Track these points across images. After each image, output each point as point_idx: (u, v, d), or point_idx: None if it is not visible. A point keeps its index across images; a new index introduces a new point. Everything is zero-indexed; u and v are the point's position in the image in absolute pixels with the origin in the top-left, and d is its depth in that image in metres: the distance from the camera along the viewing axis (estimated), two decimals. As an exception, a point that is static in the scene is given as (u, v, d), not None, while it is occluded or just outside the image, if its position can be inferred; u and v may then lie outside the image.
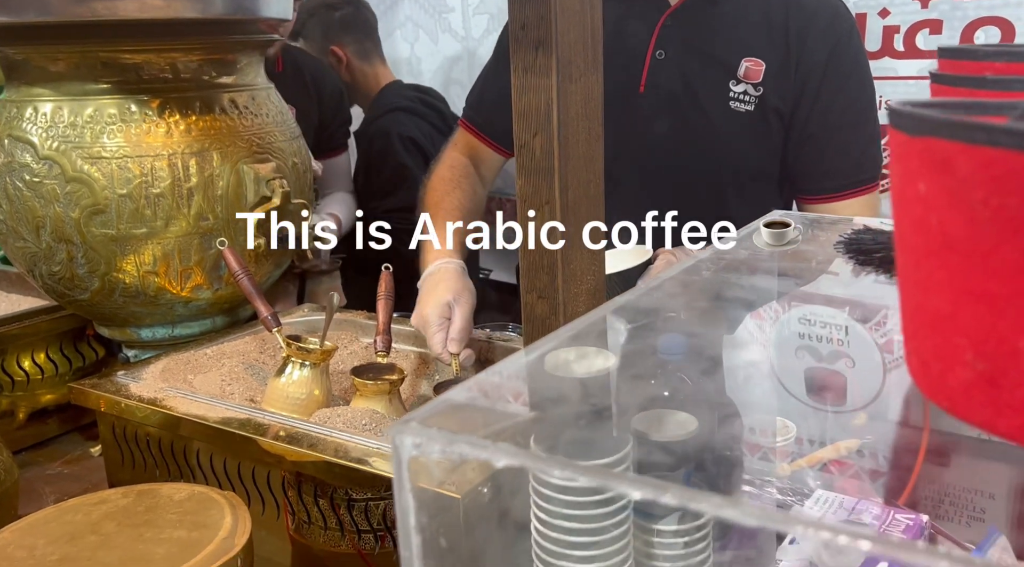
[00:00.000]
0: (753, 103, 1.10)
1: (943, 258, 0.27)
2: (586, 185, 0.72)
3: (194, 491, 0.78)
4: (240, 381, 0.98)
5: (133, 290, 1.05)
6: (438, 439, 0.29)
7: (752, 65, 1.10)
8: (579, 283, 0.72)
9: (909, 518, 0.77)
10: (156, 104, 1.02)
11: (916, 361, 0.29)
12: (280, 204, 1.07)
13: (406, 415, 0.30)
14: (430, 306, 0.97)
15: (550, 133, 0.68)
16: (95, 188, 0.99)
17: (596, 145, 0.72)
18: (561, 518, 0.55)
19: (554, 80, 0.66)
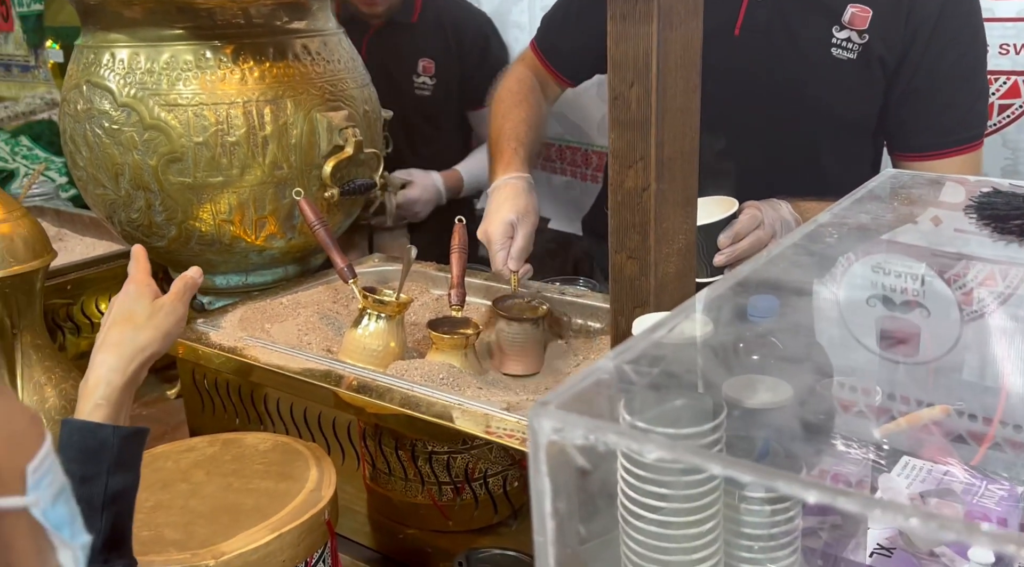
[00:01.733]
0: (856, 51, 1.04)
1: None
2: (682, 140, 0.68)
3: (278, 441, 0.79)
4: (316, 331, 0.99)
5: (209, 238, 1.06)
6: (580, 425, 0.28)
7: (858, 11, 1.03)
8: (670, 243, 0.70)
9: (1003, 488, 0.74)
10: (230, 50, 1.01)
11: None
12: (352, 153, 1.06)
13: (543, 397, 0.29)
14: (494, 224, 1.01)
15: (648, 84, 0.64)
16: (172, 136, 0.99)
17: (693, 97, 0.69)
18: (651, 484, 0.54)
19: (654, 27, 0.62)
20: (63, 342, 1.20)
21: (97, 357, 0.63)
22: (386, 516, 0.88)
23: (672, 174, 0.68)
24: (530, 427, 0.29)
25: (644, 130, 0.65)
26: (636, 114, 0.66)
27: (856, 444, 0.78)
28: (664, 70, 0.64)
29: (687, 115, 0.69)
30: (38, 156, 2.76)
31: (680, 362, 0.55)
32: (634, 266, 0.69)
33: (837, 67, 1.05)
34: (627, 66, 0.65)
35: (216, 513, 0.67)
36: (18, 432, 0.33)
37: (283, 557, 0.64)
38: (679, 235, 0.71)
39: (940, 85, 1.04)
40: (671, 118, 0.67)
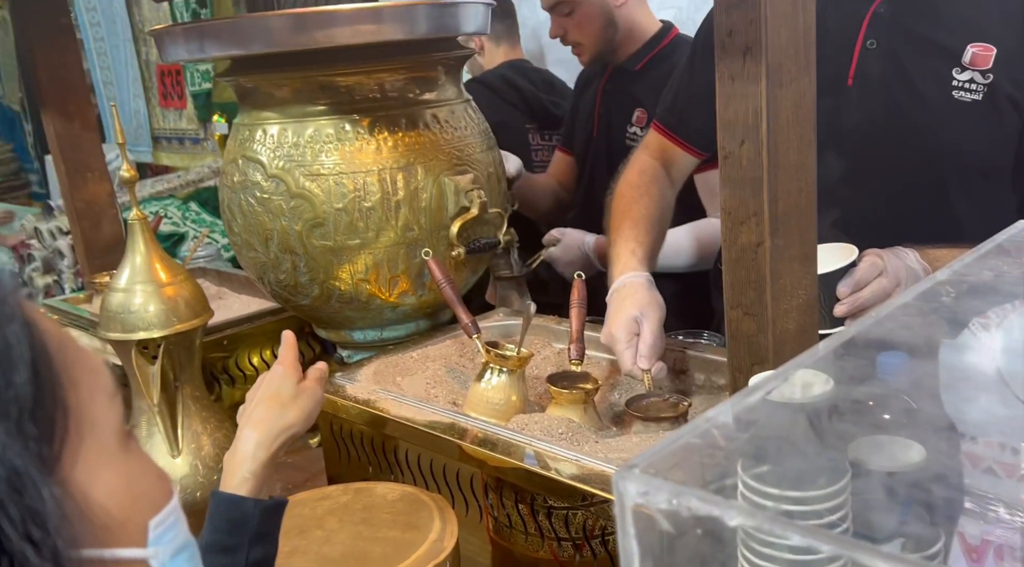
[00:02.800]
0: (981, 92, 0.99)
1: None
2: (797, 195, 0.68)
3: (405, 492, 0.83)
4: (443, 384, 1.03)
5: (347, 296, 1.13)
6: (664, 489, 0.29)
7: (980, 50, 0.99)
8: (789, 299, 0.69)
9: None
10: (367, 123, 1.09)
11: None
12: (478, 214, 1.11)
13: (630, 460, 0.30)
14: (617, 323, 0.97)
15: (758, 142, 0.65)
16: (315, 203, 1.08)
17: (807, 152, 0.68)
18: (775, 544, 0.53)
19: (763, 86, 0.63)
20: (220, 393, 1.31)
21: (244, 432, 0.70)
22: None
23: (788, 230, 0.68)
24: (615, 490, 0.30)
25: (756, 187, 0.66)
26: (747, 172, 0.66)
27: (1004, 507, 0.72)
28: (775, 127, 0.64)
29: (802, 171, 0.68)
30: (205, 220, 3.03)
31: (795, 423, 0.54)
32: (751, 323, 0.69)
33: (960, 110, 1.00)
34: (737, 125, 0.65)
35: (347, 559, 0.71)
36: (145, 489, 0.37)
37: (406, 605, 0.67)
38: (798, 291, 0.70)
39: None
40: (784, 174, 0.67)
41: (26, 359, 0.32)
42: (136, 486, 0.36)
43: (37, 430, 0.31)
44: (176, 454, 1.01)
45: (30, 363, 0.32)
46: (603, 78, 1.67)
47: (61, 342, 0.35)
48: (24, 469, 0.30)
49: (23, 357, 0.32)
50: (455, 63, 1.17)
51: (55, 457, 0.32)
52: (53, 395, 0.32)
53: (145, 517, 0.36)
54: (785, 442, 0.55)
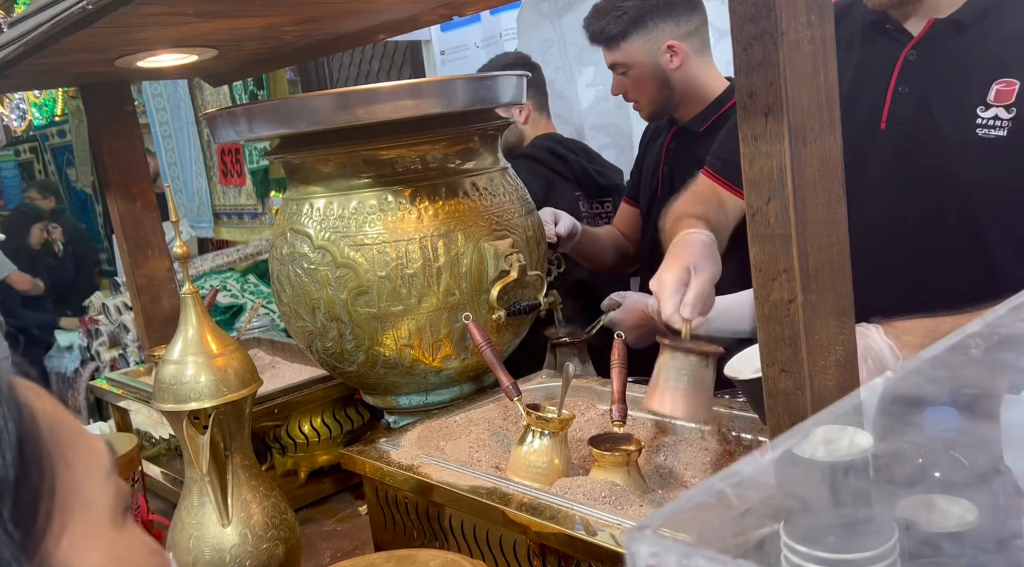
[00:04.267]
0: (1006, 128, 0.99)
1: None
2: (828, 250, 0.68)
3: (447, 559, 0.82)
4: (486, 448, 1.03)
5: (392, 362, 1.15)
6: (674, 550, 0.29)
7: (1003, 86, 1.00)
8: (826, 355, 0.68)
9: None
10: (408, 193, 1.13)
11: None
12: (517, 277, 1.12)
13: (641, 520, 0.30)
14: (668, 269, 0.95)
15: (784, 199, 0.65)
16: (359, 272, 1.11)
17: (837, 208, 0.68)
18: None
19: (786, 145, 0.64)
20: (271, 461, 1.33)
21: None
22: (556, 638, 0.87)
23: (821, 285, 0.67)
24: (627, 551, 0.30)
25: (785, 244, 0.66)
26: (775, 228, 0.66)
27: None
28: (801, 184, 0.65)
29: (832, 226, 0.68)
30: (262, 291, 3.12)
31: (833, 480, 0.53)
32: (788, 380, 0.68)
33: (986, 147, 1.01)
34: (762, 183, 0.66)
35: (386, 627, 0.71)
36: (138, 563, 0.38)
37: None
38: (835, 346, 0.69)
39: None
40: (814, 230, 0.67)
41: (12, 442, 0.34)
42: (127, 562, 0.37)
43: (18, 512, 0.32)
44: (227, 523, 1.03)
45: (15, 444, 0.33)
46: (668, 136, 1.71)
47: (55, 423, 0.36)
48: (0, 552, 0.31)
49: (9, 439, 0.33)
50: (493, 133, 1.20)
51: (39, 536, 0.33)
52: (40, 475, 0.34)
53: None
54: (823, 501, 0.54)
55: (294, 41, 1.32)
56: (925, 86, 1.07)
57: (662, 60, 1.63)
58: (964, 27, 1.07)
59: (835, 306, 0.69)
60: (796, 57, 0.63)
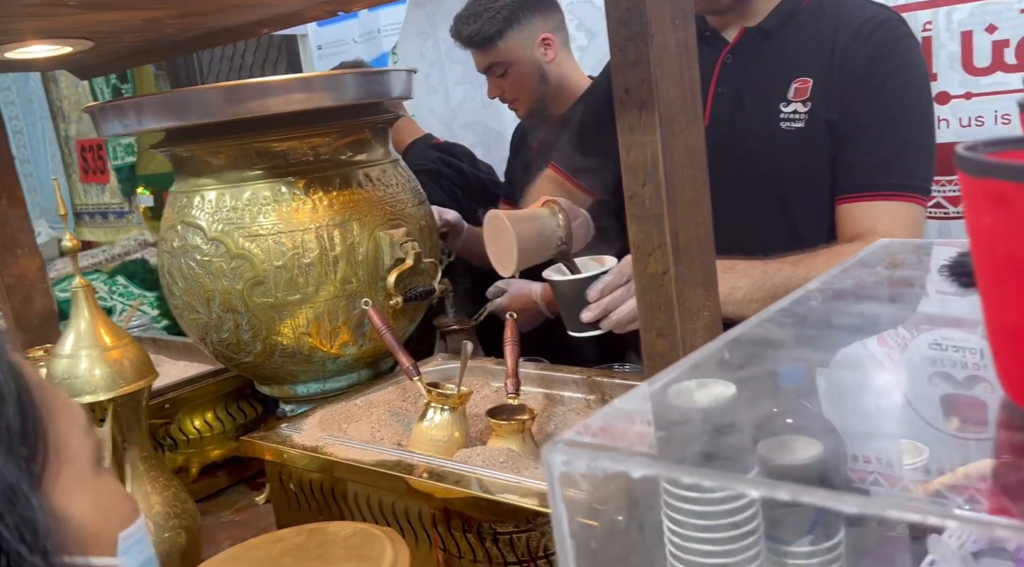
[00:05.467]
0: (803, 120, 1.16)
1: (1014, 281, 0.31)
2: (695, 228, 0.77)
3: (357, 528, 0.87)
4: (388, 427, 1.08)
5: (290, 350, 1.17)
6: (583, 456, 0.36)
7: (799, 84, 1.17)
8: (695, 320, 0.77)
9: None
10: (302, 184, 1.15)
11: (1001, 369, 0.33)
12: (413, 264, 1.17)
13: (556, 437, 0.37)
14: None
15: (657, 183, 0.74)
16: (255, 262, 1.13)
17: (702, 191, 0.78)
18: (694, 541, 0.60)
19: (658, 136, 0.72)
20: (163, 458, 1.32)
21: None
22: (461, 599, 0.93)
23: (690, 259, 0.77)
24: (544, 462, 0.36)
25: (659, 222, 0.74)
26: (650, 209, 0.75)
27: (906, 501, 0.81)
28: (671, 170, 0.74)
29: (698, 207, 0.78)
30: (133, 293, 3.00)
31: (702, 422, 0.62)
32: (664, 343, 0.77)
33: (787, 138, 1.18)
34: (639, 169, 0.74)
35: (305, 591, 0.74)
36: (115, 508, 0.42)
37: (365, 628, 0.70)
38: (703, 312, 0.78)
39: (861, 134, 1.15)
40: (683, 210, 0.76)
41: (13, 395, 0.38)
42: (107, 506, 0.41)
43: (27, 452, 0.36)
44: (125, 515, 1.03)
45: (16, 399, 0.37)
46: (539, 132, 1.79)
47: (39, 384, 0.40)
48: (17, 484, 0.35)
49: (11, 393, 0.38)
50: (383, 126, 1.25)
51: (39, 479, 0.37)
52: (35, 428, 0.38)
53: (115, 531, 0.41)
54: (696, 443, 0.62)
55: (175, 34, 1.31)
56: (739, 86, 1.23)
57: (538, 54, 1.71)
58: (770, 34, 1.24)
59: (702, 277, 0.78)
60: (664, 57, 0.72)
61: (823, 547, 0.66)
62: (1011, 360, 0.32)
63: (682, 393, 0.62)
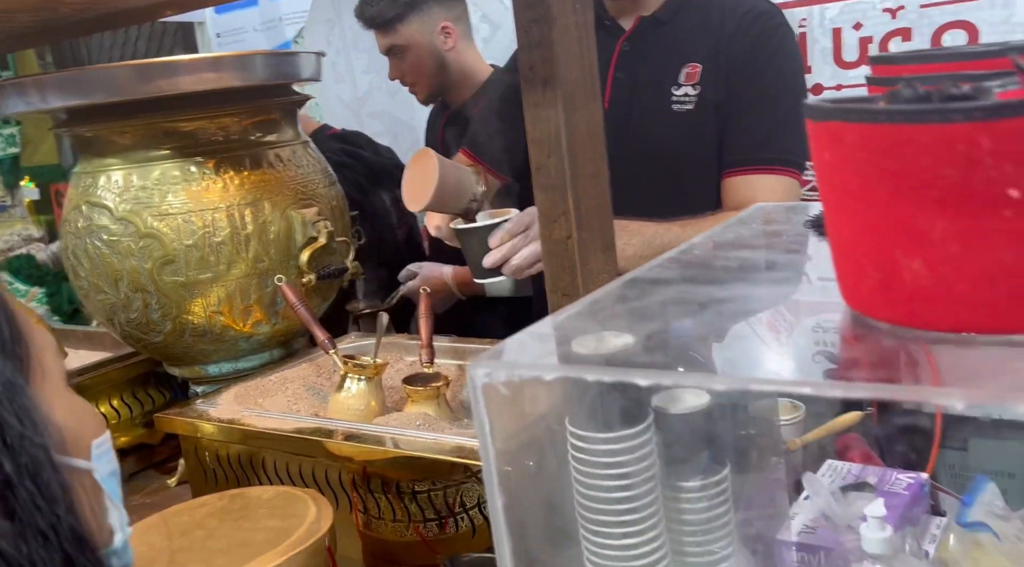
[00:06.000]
0: (693, 102, 1.27)
1: (847, 206, 0.38)
2: (595, 197, 0.84)
3: (279, 491, 0.89)
4: (304, 401, 1.10)
5: (201, 330, 1.18)
6: (503, 367, 0.41)
7: (690, 69, 1.28)
8: (596, 282, 0.84)
9: (910, 477, 0.87)
10: (212, 164, 1.16)
11: (841, 283, 0.41)
12: (325, 243, 1.20)
13: (479, 355, 0.42)
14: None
15: (561, 155, 0.80)
16: (165, 241, 1.13)
17: (601, 163, 0.85)
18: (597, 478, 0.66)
19: (560, 111, 0.79)
20: (67, 443, 1.30)
21: None
22: (381, 559, 0.97)
23: (591, 226, 0.83)
24: (469, 377, 0.42)
25: (562, 192, 0.81)
26: (555, 179, 0.81)
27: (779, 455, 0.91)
28: (572, 143, 0.80)
29: (598, 178, 0.84)
30: (19, 289, 2.87)
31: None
32: (568, 302, 0.83)
33: (678, 120, 1.28)
34: (543, 142, 0.80)
35: (232, 547, 0.77)
36: (87, 420, 0.46)
37: (292, 577, 0.74)
38: (603, 275, 0.85)
39: (742, 113, 1.26)
40: (584, 181, 0.82)
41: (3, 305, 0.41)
42: (80, 415, 0.44)
43: (20, 354, 0.39)
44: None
45: (4, 309, 0.40)
46: (443, 120, 1.83)
47: (15, 306, 0.43)
48: (15, 380, 0.38)
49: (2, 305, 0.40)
50: (292, 107, 1.27)
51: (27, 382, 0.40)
52: (20, 340, 0.41)
53: (89, 439, 0.44)
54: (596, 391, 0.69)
55: (71, 15, 1.29)
56: (636, 71, 1.33)
57: (437, 41, 1.76)
58: (663, 23, 1.34)
59: (602, 243, 0.85)
60: (565, 38, 0.78)
61: (712, 481, 0.74)
62: (845, 271, 0.39)
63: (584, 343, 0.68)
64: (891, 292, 0.36)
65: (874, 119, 0.36)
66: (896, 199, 0.34)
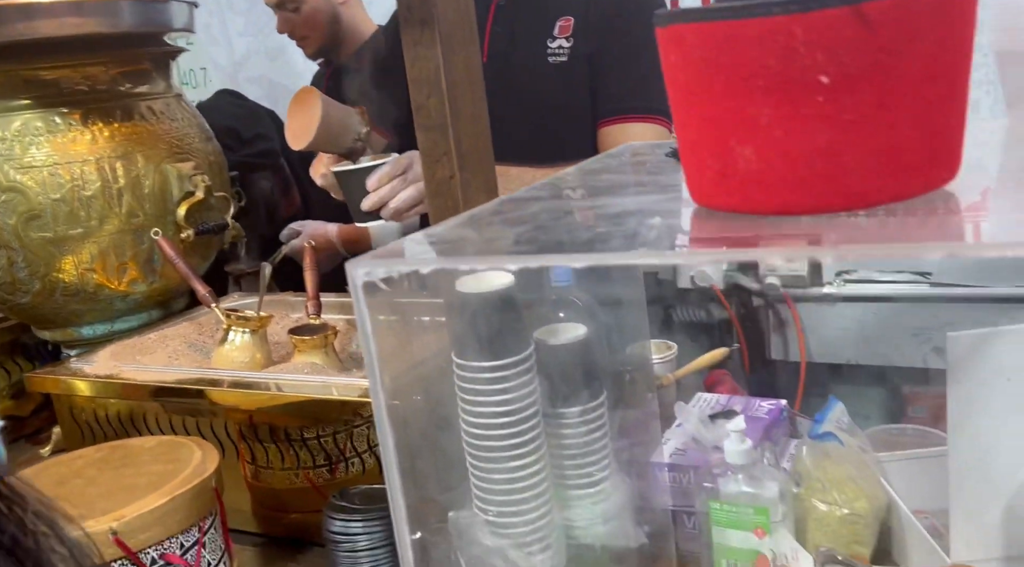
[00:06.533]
0: (567, 54, 1.32)
1: (689, 101, 0.42)
2: (476, 138, 0.86)
3: (161, 440, 0.88)
4: (185, 357, 1.08)
5: (73, 289, 1.13)
6: (381, 265, 0.43)
7: (563, 22, 1.34)
8: (479, 220, 0.87)
9: (771, 404, 0.95)
10: (78, 115, 1.11)
11: (689, 182, 0.45)
12: (204, 197, 1.17)
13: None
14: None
15: (441, 95, 0.82)
16: (29, 195, 1.07)
17: (480, 106, 0.87)
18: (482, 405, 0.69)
19: (439, 51, 0.80)
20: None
21: None
22: (271, 508, 0.97)
23: (473, 166, 0.86)
24: (349, 276, 0.43)
25: (443, 132, 0.83)
26: (436, 119, 0.83)
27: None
28: (451, 83, 0.82)
29: (478, 120, 0.87)
30: None
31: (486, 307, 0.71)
32: (452, 242, 0.85)
33: (553, 71, 1.33)
34: (423, 81, 0.82)
35: (113, 493, 0.75)
36: None
37: (177, 517, 0.73)
38: (485, 215, 0.88)
39: (612, 65, 1.33)
40: (465, 122, 0.84)
41: None
42: None
43: None
44: None
45: None
46: (326, 76, 1.81)
47: None
48: None
49: None
50: (163, 58, 1.22)
51: None
52: None
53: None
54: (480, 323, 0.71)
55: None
56: (512, 25, 1.37)
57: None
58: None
59: (484, 184, 0.87)
60: (442, -21, 0.79)
61: (589, 407, 0.78)
62: (691, 168, 0.43)
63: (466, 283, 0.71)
64: (728, 180, 0.40)
65: (708, 18, 0.39)
66: (729, 91, 0.38)
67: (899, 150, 0.37)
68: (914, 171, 0.38)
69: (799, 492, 0.82)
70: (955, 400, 0.66)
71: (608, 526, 0.81)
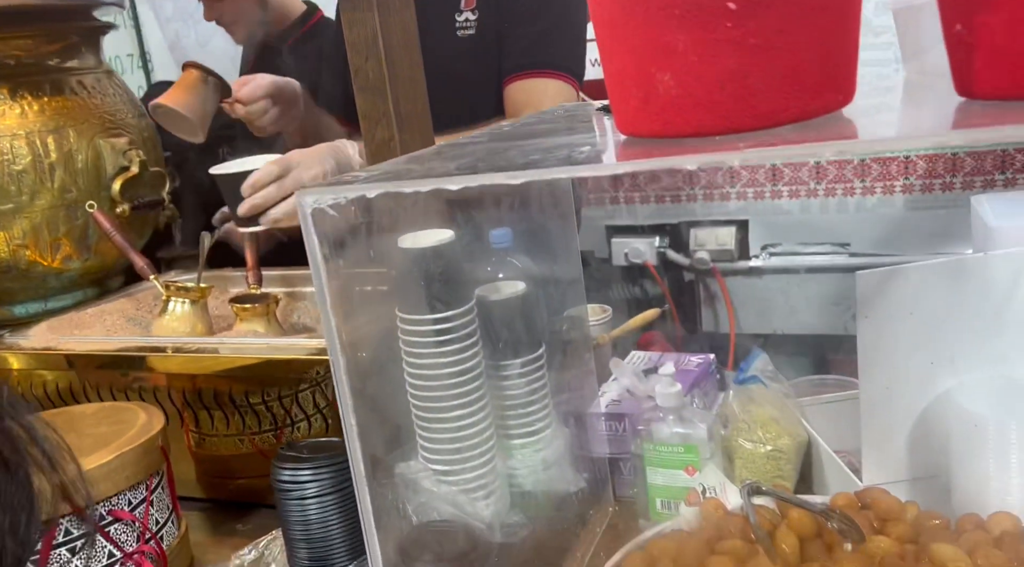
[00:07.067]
0: (474, 27, 1.35)
1: (613, 35, 0.46)
2: (415, 102, 0.88)
3: (103, 405, 0.88)
4: (124, 330, 1.08)
5: (5, 265, 1.11)
6: (328, 192, 0.45)
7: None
8: (419, 182, 0.89)
9: (700, 358, 1.00)
10: (6, 89, 1.09)
11: (616, 114, 0.48)
12: (138, 172, 1.16)
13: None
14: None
15: (379, 57, 0.84)
16: (-44, 169, 1.05)
17: (417, 70, 0.89)
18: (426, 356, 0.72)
19: (375, 14, 0.82)
20: None
21: None
22: (216, 476, 0.98)
23: (411, 128, 0.88)
24: (298, 204, 0.45)
25: (382, 94, 0.85)
26: (374, 82, 0.85)
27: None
28: (389, 47, 0.84)
29: (415, 83, 0.89)
30: None
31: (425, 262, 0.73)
32: (393, 203, 0.88)
33: (462, 44, 1.35)
34: (361, 44, 0.84)
35: (57, 453, 0.75)
36: None
37: (126, 473, 0.74)
38: (425, 177, 0.90)
39: (513, 27, 1.35)
40: (403, 85, 0.87)
41: None
42: None
43: None
44: None
45: None
46: (253, 57, 1.80)
47: None
48: None
49: None
50: (92, 33, 1.21)
51: None
52: None
53: None
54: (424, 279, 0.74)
55: None
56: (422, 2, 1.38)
57: None
58: None
59: (422, 145, 0.90)
60: (377, -56, 0.81)
61: (529, 359, 0.82)
62: (616, 100, 0.47)
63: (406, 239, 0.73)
64: (649, 106, 0.44)
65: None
66: (648, 20, 0.41)
67: (799, 73, 0.41)
68: (813, 93, 0.42)
69: (726, 433, 0.87)
70: (864, 335, 0.72)
71: (548, 473, 0.85)
